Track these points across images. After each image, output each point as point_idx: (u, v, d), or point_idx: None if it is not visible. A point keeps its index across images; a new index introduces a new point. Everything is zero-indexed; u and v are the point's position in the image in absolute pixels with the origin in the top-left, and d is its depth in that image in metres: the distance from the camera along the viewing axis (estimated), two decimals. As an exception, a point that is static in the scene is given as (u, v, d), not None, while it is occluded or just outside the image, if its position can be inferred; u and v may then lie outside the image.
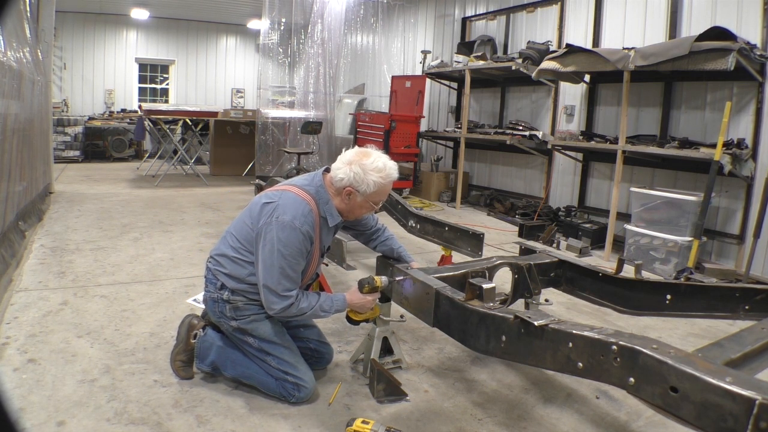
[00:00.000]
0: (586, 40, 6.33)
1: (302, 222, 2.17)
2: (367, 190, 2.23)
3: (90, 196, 6.94)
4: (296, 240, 2.17)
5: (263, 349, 2.32)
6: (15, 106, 4.24)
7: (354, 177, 2.22)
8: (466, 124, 7.56)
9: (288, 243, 2.16)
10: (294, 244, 2.17)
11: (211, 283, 2.37)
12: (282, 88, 10.55)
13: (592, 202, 6.51)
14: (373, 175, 2.22)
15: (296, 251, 2.18)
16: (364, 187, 2.23)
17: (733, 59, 4.09)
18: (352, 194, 2.26)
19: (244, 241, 2.30)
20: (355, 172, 2.21)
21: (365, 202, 2.29)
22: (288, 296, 2.19)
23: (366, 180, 2.22)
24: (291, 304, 2.19)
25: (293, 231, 2.15)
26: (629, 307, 2.52)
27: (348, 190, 2.25)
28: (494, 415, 2.33)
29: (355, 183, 2.22)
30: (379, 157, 2.28)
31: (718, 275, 4.66)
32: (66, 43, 12.21)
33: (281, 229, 2.15)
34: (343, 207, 2.33)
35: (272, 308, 2.20)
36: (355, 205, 2.30)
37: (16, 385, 2.29)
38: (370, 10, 9.40)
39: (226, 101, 14.09)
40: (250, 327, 2.32)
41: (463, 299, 1.96)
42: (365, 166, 2.22)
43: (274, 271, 2.16)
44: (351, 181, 2.23)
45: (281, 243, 2.15)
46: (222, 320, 2.36)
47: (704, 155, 4.50)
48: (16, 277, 3.69)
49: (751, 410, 1.14)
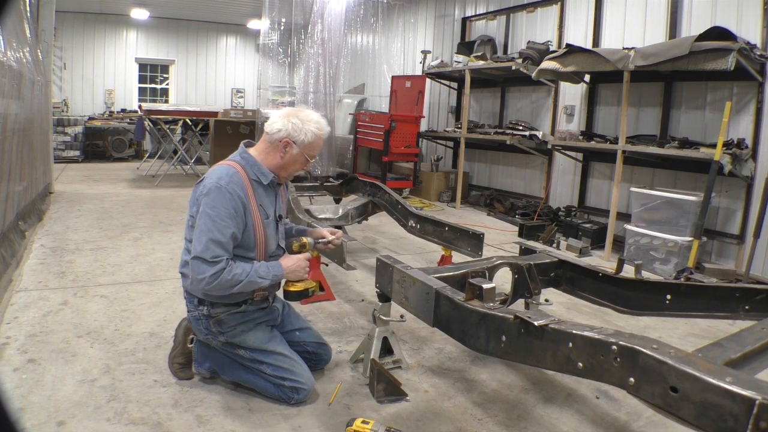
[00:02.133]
0: (586, 40, 6.33)
1: (227, 181, 2.16)
2: (305, 140, 2.28)
3: (90, 196, 6.94)
4: (222, 200, 2.13)
5: (256, 358, 2.29)
6: (15, 106, 4.24)
7: (292, 127, 2.27)
8: (466, 124, 7.57)
9: (214, 204, 2.13)
10: (220, 204, 2.13)
11: (189, 302, 2.34)
12: (282, 88, 10.55)
13: (592, 202, 6.51)
14: (311, 125, 2.29)
15: (224, 212, 2.13)
16: (302, 137, 2.27)
17: (733, 59, 4.09)
18: (289, 145, 2.29)
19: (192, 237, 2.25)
20: (293, 122, 2.27)
21: (300, 155, 2.31)
22: (216, 262, 2.09)
23: (304, 129, 2.27)
24: (221, 270, 2.09)
25: (218, 191, 2.14)
26: (629, 307, 2.52)
27: (285, 141, 2.28)
28: (494, 415, 2.33)
29: (294, 133, 2.27)
30: (311, 111, 2.37)
31: (718, 275, 4.66)
32: (66, 43, 12.21)
33: (207, 193, 2.15)
34: (278, 162, 2.31)
35: (201, 278, 2.08)
36: (291, 158, 2.31)
37: (16, 385, 2.30)
38: (370, 10, 9.40)
39: (226, 101, 14.09)
40: (238, 340, 2.29)
41: (463, 299, 1.95)
42: (303, 118, 2.30)
43: (203, 237, 2.10)
44: (289, 132, 2.27)
45: (207, 206, 2.13)
46: (209, 337, 2.32)
47: (704, 155, 4.50)
48: (16, 277, 3.69)
49: (751, 410, 1.14)
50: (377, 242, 5.36)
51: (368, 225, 5.42)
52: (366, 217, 4.69)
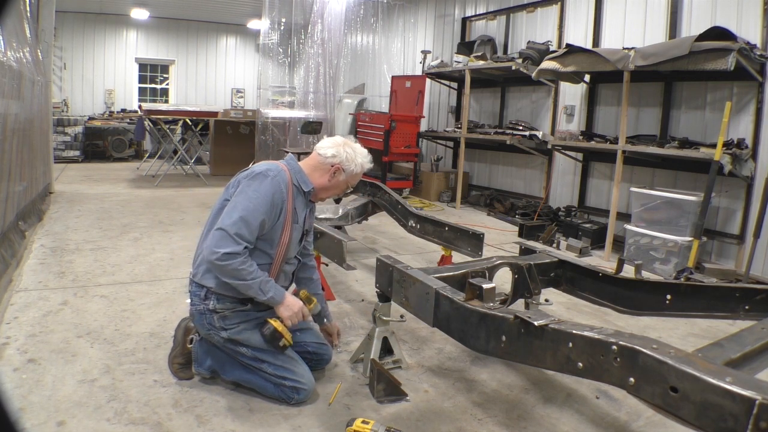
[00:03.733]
0: (586, 40, 6.32)
1: (275, 173, 2.27)
2: (353, 170, 2.45)
3: (90, 196, 6.94)
4: (266, 187, 2.22)
5: (257, 357, 2.30)
6: (15, 106, 4.24)
7: (346, 156, 2.43)
8: (466, 124, 7.56)
9: (257, 188, 2.21)
10: (263, 190, 2.21)
11: (195, 296, 2.33)
12: (282, 88, 10.55)
13: (592, 202, 6.51)
14: (360, 159, 2.47)
15: (263, 199, 2.19)
16: (351, 167, 2.44)
17: (733, 59, 4.08)
18: (339, 171, 2.43)
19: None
20: (347, 152, 2.44)
21: (344, 182, 2.48)
22: (238, 241, 2.11)
23: (355, 161, 2.44)
24: (237, 254, 2.10)
25: (264, 178, 2.24)
26: (629, 307, 2.52)
27: (337, 167, 2.42)
28: (494, 415, 2.33)
29: (346, 162, 2.42)
30: (361, 147, 2.55)
31: (718, 275, 4.66)
32: (66, 43, 12.21)
33: (253, 177, 2.26)
34: (324, 183, 2.44)
35: (217, 251, 2.09)
36: (336, 183, 2.46)
37: (16, 385, 2.29)
38: (370, 10, 9.40)
39: (226, 101, 14.09)
40: (241, 337, 2.29)
41: (463, 299, 1.96)
42: (355, 149, 2.48)
43: (235, 213, 2.15)
44: (342, 159, 2.42)
45: (250, 188, 2.22)
46: (212, 332, 2.31)
47: (704, 155, 4.50)
48: (16, 277, 3.69)
49: (751, 410, 1.14)
50: (377, 242, 5.36)
51: (368, 225, 5.42)
52: (366, 217, 4.69)
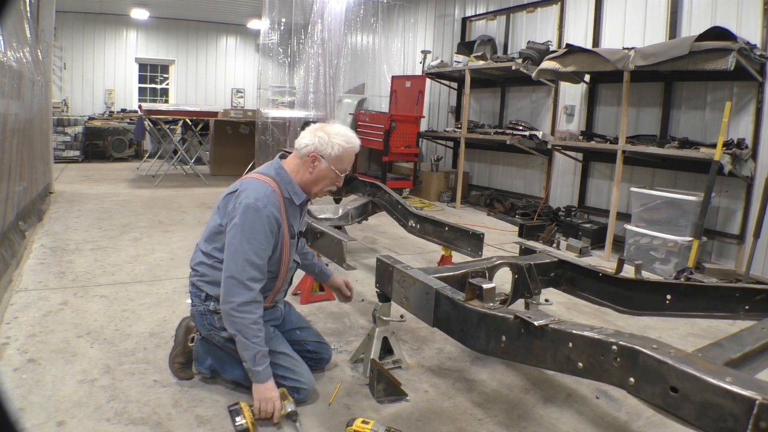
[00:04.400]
0: (586, 40, 6.32)
1: (265, 203, 2.15)
2: (332, 153, 2.27)
3: (90, 196, 6.94)
4: (260, 222, 2.13)
5: None
6: (15, 106, 4.24)
7: (319, 141, 2.27)
8: (466, 124, 7.56)
9: (252, 226, 2.12)
10: (258, 226, 2.12)
11: (195, 297, 2.34)
12: (282, 88, 10.54)
13: (592, 202, 6.51)
14: (338, 138, 2.29)
15: (261, 235, 2.13)
16: (329, 150, 2.27)
17: (733, 59, 4.08)
18: (317, 160, 2.28)
19: (217, 243, 2.26)
20: (320, 136, 2.28)
21: (329, 169, 2.30)
22: (252, 288, 2.10)
23: (331, 142, 2.27)
24: (253, 301, 2.09)
25: (256, 212, 2.13)
26: (629, 307, 2.52)
27: (313, 156, 2.28)
28: (494, 415, 2.33)
29: (320, 147, 2.27)
30: (340, 126, 2.38)
31: (718, 275, 4.66)
32: (66, 43, 12.21)
33: (244, 212, 2.13)
34: (308, 178, 2.31)
35: (232, 301, 2.08)
36: (320, 173, 2.30)
37: (16, 385, 2.29)
38: (370, 10, 9.40)
39: (226, 101, 14.09)
40: None
41: (463, 299, 1.95)
42: (329, 131, 2.31)
43: (239, 257, 2.11)
44: (316, 146, 2.27)
45: (245, 226, 2.12)
46: (212, 332, 2.31)
47: (704, 155, 4.50)
48: (16, 277, 3.69)
49: (751, 410, 1.14)
50: (377, 242, 5.36)
51: (368, 225, 5.42)
52: (366, 217, 4.69)
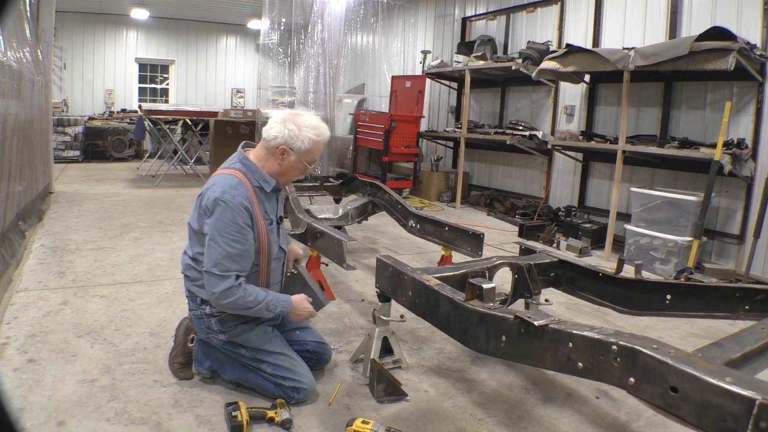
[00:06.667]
0: (586, 40, 6.32)
1: (232, 194, 2.13)
2: (301, 147, 2.21)
3: (90, 196, 6.94)
4: (230, 213, 2.11)
5: (257, 357, 2.29)
6: (15, 106, 4.24)
7: (289, 134, 2.19)
8: (466, 124, 7.56)
9: (222, 218, 2.11)
10: (228, 217, 2.11)
11: (191, 301, 2.34)
12: (282, 88, 10.54)
13: (592, 202, 6.51)
14: (308, 132, 2.21)
15: (232, 227, 2.11)
16: (298, 144, 2.20)
17: (733, 59, 4.08)
18: (286, 152, 2.22)
19: (198, 246, 2.26)
20: (290, 129, 2.19)
21: (299, 161, 2.25)
22: (225, 276, 2.10)
23: (301, 136, 2.20)
24: (232, 287, 2.10)
25: (224, 205, 2.11)
26: (629, 307, 2.52)
27: (282, 149, 2.21)
28: (494, 415, 2.33)
29: (290, 140, 2.20)
30: (311, 116, 2.28)
31: (718, 275, 4.66)
32: (66, 43, 12.20)
33: (214, 207, 2.12)
34: (276, 169, 2.27)
35: (213, 291, 2.11)
36: (289, 165, 2.26)
37: (16, 385, 2.29)
38: (370, 10, 9.40)
39: (226, 101, 14.08)
40: (239, 339, 2.29)
41: (463, 299, 1.95)
42: (299, 123, 2.21)
43: (212, 251, 2.11)
44: (285, 139, 2.20)
45: (216, 220, 2.12)
46: (211, 335, 2.31)
47: (704, 155, 4.50)
48: (16, 277, 3.69)
49: (751, 410, 1.14)
50: (377, 242, 5.36)
51: (368, 225, 5.42)
52: (366, 217, 4.69)
